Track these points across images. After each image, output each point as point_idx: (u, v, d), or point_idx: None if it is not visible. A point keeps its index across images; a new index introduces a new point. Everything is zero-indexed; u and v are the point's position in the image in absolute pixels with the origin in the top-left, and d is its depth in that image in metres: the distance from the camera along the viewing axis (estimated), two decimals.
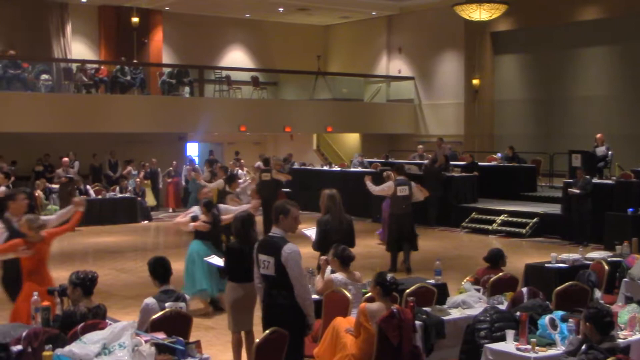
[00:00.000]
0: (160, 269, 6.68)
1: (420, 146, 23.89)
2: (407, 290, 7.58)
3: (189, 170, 22.03)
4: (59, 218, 8.38)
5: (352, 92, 27.72)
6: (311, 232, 9.68)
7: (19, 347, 5.38)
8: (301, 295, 6.34)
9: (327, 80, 27.16)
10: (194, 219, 10.13)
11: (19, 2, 23.37)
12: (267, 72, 27.64)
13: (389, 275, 6.75)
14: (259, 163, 22.73)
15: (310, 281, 7.96)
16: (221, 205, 10.17)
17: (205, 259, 8.36)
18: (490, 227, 18.20)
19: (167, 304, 6.41)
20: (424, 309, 7.33)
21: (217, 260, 7.85)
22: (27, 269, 7.67)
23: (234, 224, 7.85)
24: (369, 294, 7.14)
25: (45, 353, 5.03)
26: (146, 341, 5.41)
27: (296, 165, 24.20)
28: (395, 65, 28.15)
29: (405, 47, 27.65)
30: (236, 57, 28.03)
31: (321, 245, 9.16)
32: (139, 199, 21.16)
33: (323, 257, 7.83)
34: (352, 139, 28.93)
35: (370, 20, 28.24)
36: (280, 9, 26.54)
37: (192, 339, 6.05)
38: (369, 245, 15.99)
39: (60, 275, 12.21)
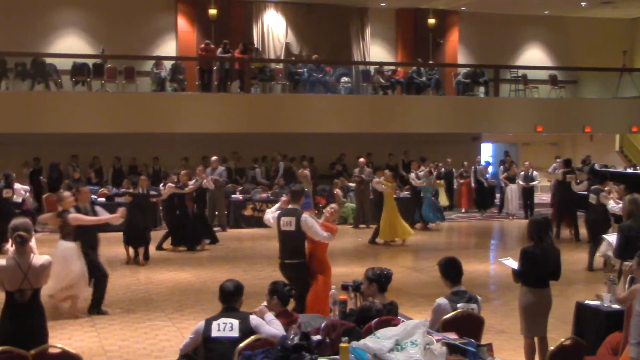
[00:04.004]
0: (451, 270, 6.67)
1: None
2: None
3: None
4: None
5: None
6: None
7: (318, 337, 5.63)
8: None
9: (633, 76, 25.41)
10: None
11: (324, 9, 24.65)
12: (566, 70, 26.54)
13: None
14: (554, 165, 21.95)
15: (611, 289, 7.53)
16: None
17: (500, 259, 8.17)
18: None
19: (459, 305, 6.38)
20: None
21: (512, 263, 7.63)
22: None
23: (529, 226, 7.55)
24: None
25: (342, 345, 5.20)
26: (437, 340, 5.39)
27: (596, 167, 22.98)
28: None
29: None
30: (533, 56, 27.25)
31: (623, 251, 8.59)
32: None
33: (627, 264, 7.31)
34: None
35: None
36: (583, 4, 25.33)
37: (483, 341, 5.95)
38: None
39: (354, 270, 12.72)
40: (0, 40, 21.28)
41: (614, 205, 12.93)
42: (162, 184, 16.65)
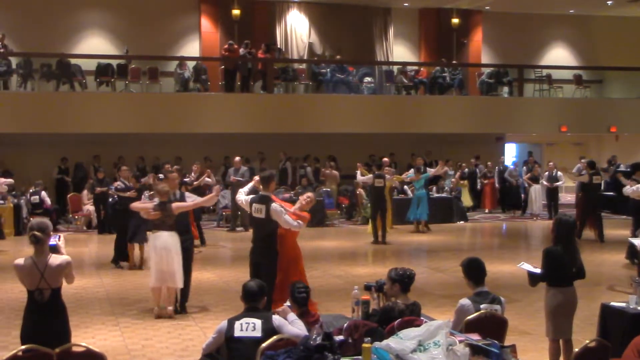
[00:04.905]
0: (475, 270, 6.62)
1: None
2: None
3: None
4: None
5: None
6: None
7: (341, 337, 5.62)
8: None
9: None
10: None
11: (347, 9, 24.64)
12: (592, 70, 26.32)
13: None
14: (578, 165, 21.78)
15: (637, 291, 7.46)
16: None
17: (519, 265, 8.10)
18: None
19: (482, 306, 6.34)
20: None
21: (528, 267, 7.53)
22: None
23: (556, 226, 7.44)
24: None
25: (365, 345, 5.18)
26: (460, 341, 5.36)
27: (622, 168, 22.77)
28: None
29: None
30: (558, 55, 27.06)
31: None
32: (453, 194, 21.26)
33: None
34: None
35: None
36: (609, 2, 25.11)
37: (506, 342, 5.91)
38: None
39: (376, 271, 12.71)
40: (25, 41, 21.52)
41: (628, 187, 13.28)
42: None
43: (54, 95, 19.95)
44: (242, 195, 9.47)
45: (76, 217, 19.71)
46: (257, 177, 9.57)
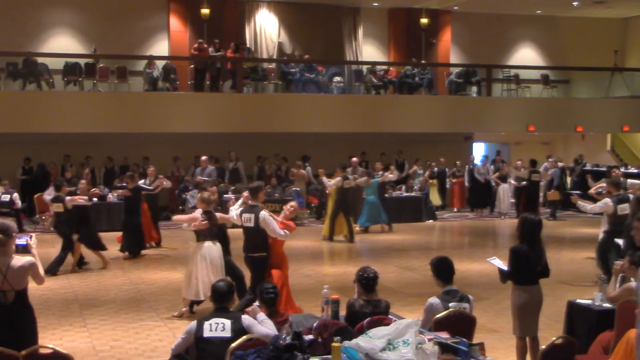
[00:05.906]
0: (443, 269, 6.68)
1: None
2: None
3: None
4: None
5: None
6: None
7: (310, 336, 5.63)
8: None
9: (624, 76, 25.50)
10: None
11: (316, 9, 24.63)
12: (558, 70, 26.59)
13: None
14: (545, 164, 21.97)
15: (602, 288, 7.56)
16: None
17: (488, 259, 8.16)
18: None
19: (451, 304, 6.40)
20: None
21: (498, 263, 7.60)
22: None
23: (522, 225, 7.50)
24: None
25: (334, 344, 5.20)
26: (429, 340, 5.40)
27: (588, 167, 23.07)
28: None
29: None
30: (525, 55, 27.30)
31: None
32: (420, 193, 21.39)
33: (618, 262, 7.33)
34: None
35: None
36: (575, 3, 25.37)
37: (475, 340, 5.96)
38: None
39: (346, 270, 12.72)
40: None
41: (589, 206, 11.87)
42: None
43: (20, 94, 19.70)
44: (233, 212, 9.84)
45: (43, 217, 19.49)
46: (245, 193, 9.88)
